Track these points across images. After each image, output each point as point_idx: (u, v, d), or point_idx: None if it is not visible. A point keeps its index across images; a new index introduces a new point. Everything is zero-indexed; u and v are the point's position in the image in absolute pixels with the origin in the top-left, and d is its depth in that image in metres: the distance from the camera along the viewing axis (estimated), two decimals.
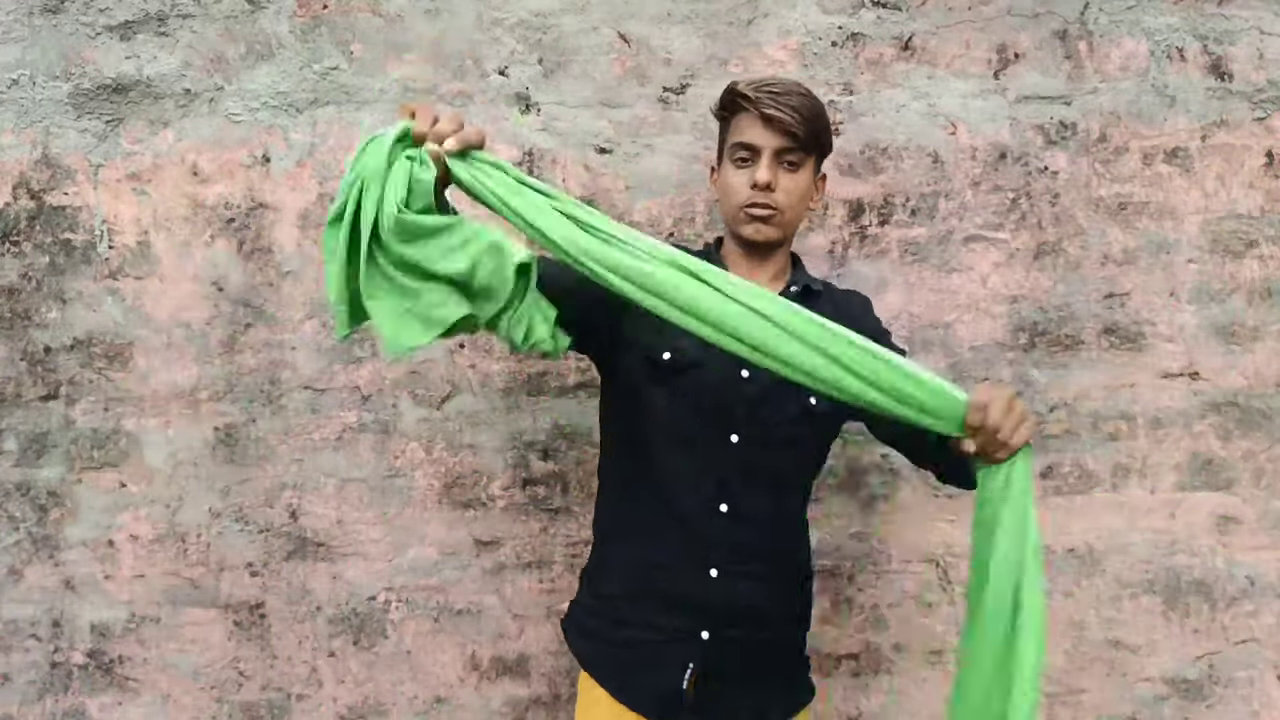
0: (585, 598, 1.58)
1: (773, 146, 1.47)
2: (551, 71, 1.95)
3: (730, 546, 1.46)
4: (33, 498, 1.94)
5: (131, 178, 1.95)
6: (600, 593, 1.55)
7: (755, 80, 1.50)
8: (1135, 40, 1.96)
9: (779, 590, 1.51)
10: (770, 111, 1.46)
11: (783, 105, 1.46)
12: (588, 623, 1.55)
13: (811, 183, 1.55)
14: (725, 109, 1.54)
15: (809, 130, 1.48)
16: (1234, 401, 1.94)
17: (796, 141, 1.48)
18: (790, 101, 1.47)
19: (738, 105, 1.50)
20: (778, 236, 1.52)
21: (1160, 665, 1.93)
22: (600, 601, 1.54)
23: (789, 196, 1.50)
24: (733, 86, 1.51)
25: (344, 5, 1.95)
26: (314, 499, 1.93)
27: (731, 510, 1.45)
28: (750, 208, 1.49)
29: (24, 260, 1.95)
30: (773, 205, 1.49)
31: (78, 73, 1.95)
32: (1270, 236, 1.95)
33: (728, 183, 1.52)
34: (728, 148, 1.53)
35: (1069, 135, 1.95)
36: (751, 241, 1.52)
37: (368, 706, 1.93)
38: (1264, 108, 1.96)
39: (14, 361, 1.94)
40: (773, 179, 1.48)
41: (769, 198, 1.48)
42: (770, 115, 1.46)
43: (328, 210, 1.93)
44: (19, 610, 1.94)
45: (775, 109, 1.46)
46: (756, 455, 1.47)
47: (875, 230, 1.95)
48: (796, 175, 1.50)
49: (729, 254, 1.58)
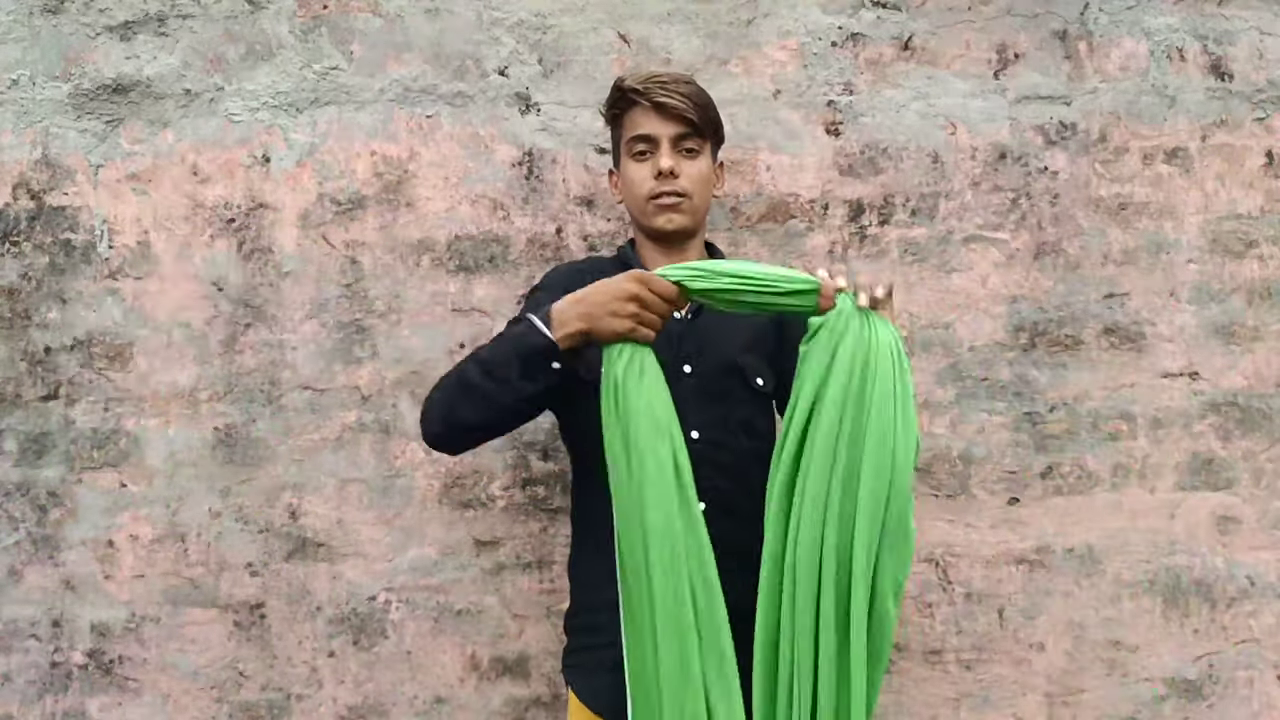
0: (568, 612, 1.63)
1: (670, 134, 1.50)
2: (551, 71, 1.95)
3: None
4: (33, 498, 1.94)
5: (131, 178, 1.95)
6: (572, 607, 1.61)
7: (641, 74, 1.53)
8: (1135, 40, 1.96)
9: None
10: (663, 99, 1.48)
11: (673, 92, 1.49)
12: (565, 625, 1.62)
13: (712, 169, 1.58)
14: (615, 106, 1.56)
15: (703, 116, 1.51)
16: (1234, 401, 1.94)
17: (692, 127, 1.50)
18: (679, 89, 1.50)
19: (629, 100, 1.52)
20: (689, 224, 1.55)
21: (1160, 665, 1.93)
22: (572, 617, 1.60)
23: (693, 182, 1.52)
24: (620, 83, 1.53)
25: (344, 5, 1.95)
26: (314, 499, 1.93)
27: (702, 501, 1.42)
28: (657, 198, 1.51)
29: (24, 260, 1.95)
30: (679, 191, 1.51)
31: (78, 73, 1.95)
32: (1270, 236, 1.95)
33: (630, 177, 1.54)
34: (624, 144, 1.55)
35: (1069, 135, 1.95)
36: (664, 232, 1.54)
37: (368, 706, 1.93)
38: (1264, 108, 1.96)
39: (14, 361, 1.94)
40: (675, 165, 1.50)
41: (674, 184, 1.51)
42: (663, 103, 1.48)
43: (327, 210, 1.94)
44: (19, 610, 1.94)
45: (667, 96, 1.48)
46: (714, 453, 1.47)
47: (875, 230, 1.95)
48: (697, 161, 1.53)
49: (644, 250, 1.60)
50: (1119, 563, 1.93)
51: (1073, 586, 1.93)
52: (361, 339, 1.93)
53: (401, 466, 1.93)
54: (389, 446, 1.93)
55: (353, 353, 1.94)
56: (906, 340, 1.93)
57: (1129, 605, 1.93)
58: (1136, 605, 1.93)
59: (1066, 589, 1.93)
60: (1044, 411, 1.94)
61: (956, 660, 1.92)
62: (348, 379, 1.93)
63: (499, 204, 1.95)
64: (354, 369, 1.93)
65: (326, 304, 1.94)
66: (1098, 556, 1.93)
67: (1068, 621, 1.93)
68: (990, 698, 1.92)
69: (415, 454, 1.93)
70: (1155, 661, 1.93)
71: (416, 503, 1.93)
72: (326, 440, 1.93)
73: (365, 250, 1.94)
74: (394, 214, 1.95)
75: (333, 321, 1.94)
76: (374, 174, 1.95)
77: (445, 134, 1.95)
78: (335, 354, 1.93)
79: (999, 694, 1.92)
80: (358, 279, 1.94)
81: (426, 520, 1.93)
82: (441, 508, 1.93)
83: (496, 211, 1.95)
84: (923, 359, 1.93)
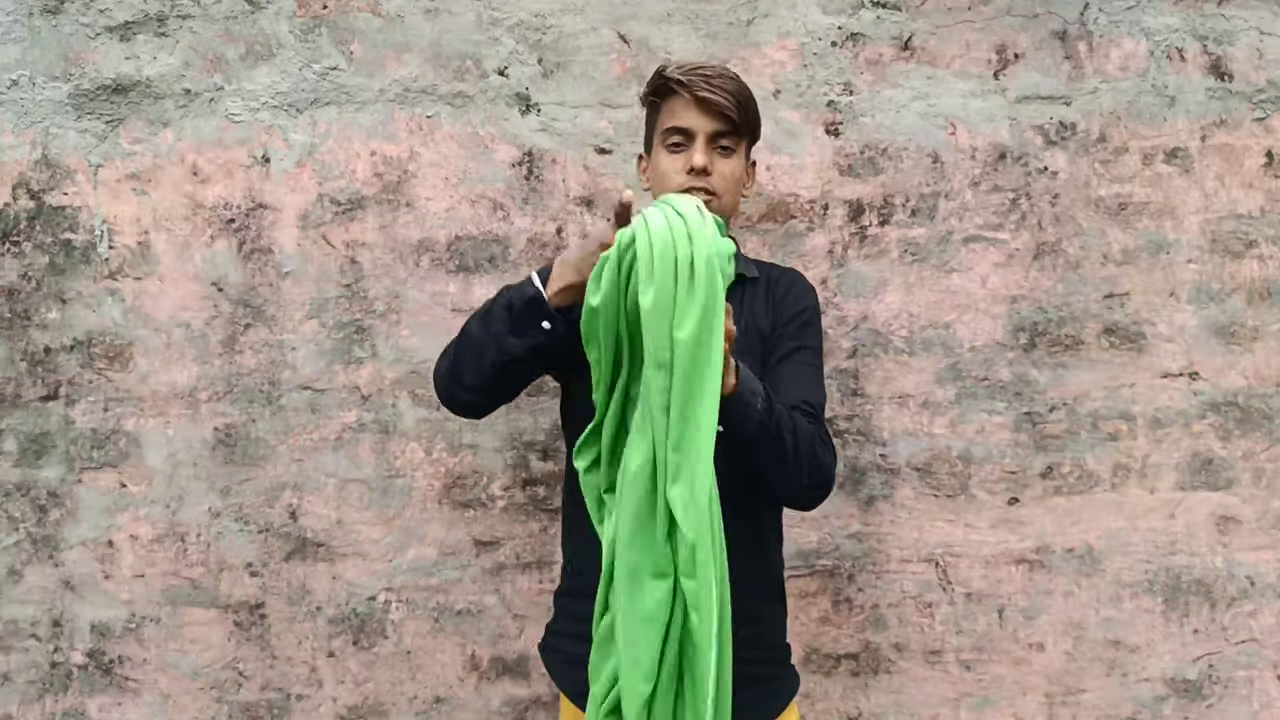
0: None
1: (707, 130, 1.46)
2: (551, 71, 1.95)
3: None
4: (33, 498, 1.94)
5: (131, 178, 1.95)
6: (555, 603, 1.62)
7: (685, 64, 1.48)
8: (1135, 40, 1.96)
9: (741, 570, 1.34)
10: (704, 94, 1.43)
11: (716, 88, 1.43)
12: (550, 624, 1.62)
13: (744, 168, 1.54)
14: (656, 94, 1.51)
15: (743, 114, 1.46)
16: (1234, 401, 1.94)
17: (731, 125, 1.46)
18: (724, 85, 1.44)
19: (669, 89, 1.47)
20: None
21: (1160, 665, 1.93)
22: (556, 612, 1.61)
23: (725, 181, 1.48)
24: (662, 70, 1.48)
25: (344, 5, 1.95)
26: (314, 499, 1.93)
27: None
28: (687, 192, 1.44)
29: (24, 260, 1.95)
30: (710, 189, 1.46)
31: (78, 73, 1.95)
32: (1270, 236, 1.95)
33: (662, 168, 1.49)
34: (659, 133, 1.50)
35: (1069, 135, 1.95)
36: None
37: (368, 706, 1.93)
38: (1264, 108, 1.96)
39: (14, 361, 1.94)
40: (709, 163, 1.45)
41: (706, 181, 1.46)
42: (704, 98, 1.44)
43: (327, 210, 1.94)
44: (19, 610, 1.94)
45: (710, 91, 1.43)
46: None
47: (875, 230, 1.95)
48: (731, 160, 1.49)
49: None
50: (1119, 563, 1.93)
51: (1073, 586, 1.93)
52: (361, 339, 1.93)
53: (401, 466, 1.93)
54: (389, 446, 1.93)
55: (352, 353, 1.94)
56: (907, 340, 1.94)
57: (1129, 605, 1.93)
58: (1136, 605, 1.93)
59: (1066, 589, 1.93)
60: (1044, 411, 1.94)
61: (956, 660, 1.92)
62: (347, 379, 1.93)
63: (499, 204, 1.95)
64: (354, 369, 1.93)
65: (326, 304, 1.94)
66: (1098, 556, 1.93)
67: (1068, 621, 1.93)
68: (990, 698, 1.92)
69: (415, 454, 1.93)
70: (1155, 662, 1.93)
71: (416, 503, 1.93)
72: (326, 440, 1.93)
73: (365, 250, 1.94)
74: (394, 214, 1.95)
75: (332, 321, 1.94)
76: (374, 174, 1.95)
77: (445, 134, 1.95)
78: (335, 354, 1.93)
79: (999, 694, 1.92)
80: (357, 279, 1.94)
81: (426, 520, 1.93)
82: (441, 508, 1.93)
83: (496, 211, 1.95)
84: (923, 359, 1.93)
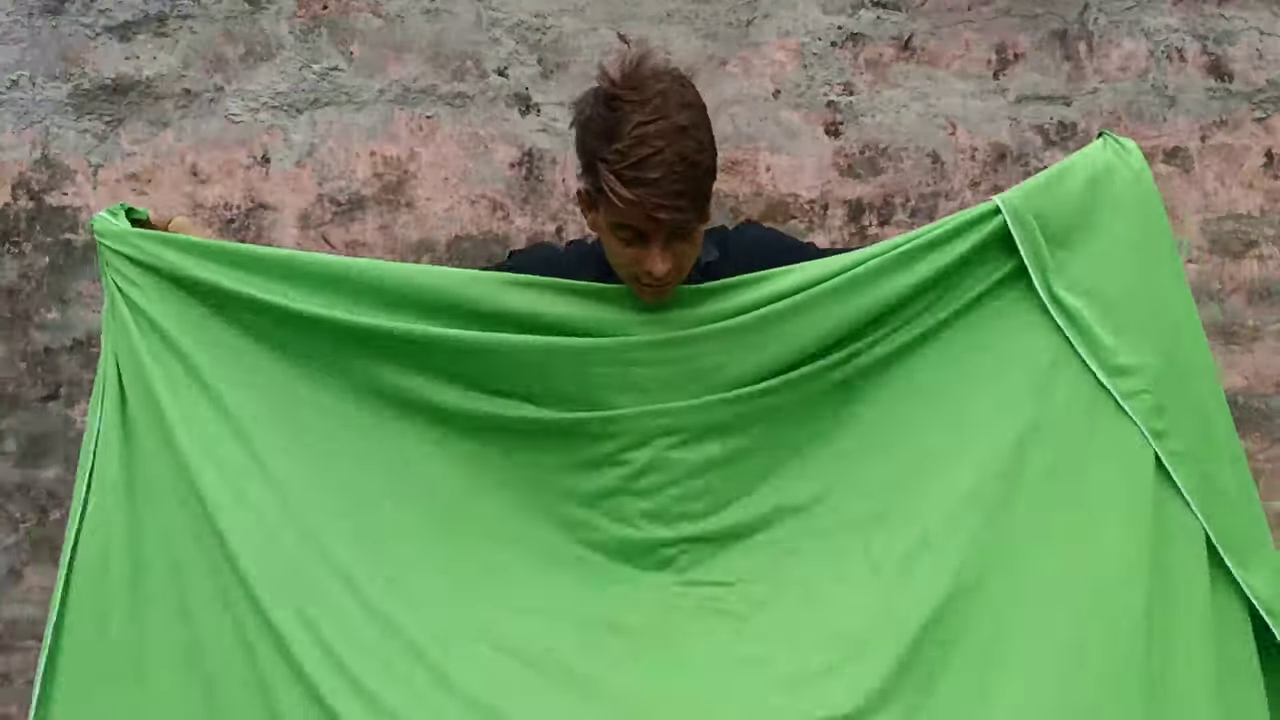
0: None
1: (664, 234, 1.20)
2: (551, 72, 1.95)
3: None
4: (33, 498, 1.94)
5: (131, 178, 1.95)
6: None
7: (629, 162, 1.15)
8: (1135, 40, 1.96)
9: None
10: (663, 217, 1.16)
11: (671, 204, 1.16)
12: None
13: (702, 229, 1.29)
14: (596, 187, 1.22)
15: (702, 205, 1.22)
16: (1234, 401, 1.94)
17: (690, 223, 1.21)
18: (678, 187, 1.16)
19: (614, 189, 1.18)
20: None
21: None
22: None
23: (686, 260, 1.26)
24: (603, 172, 1.17)
25: (344, 5, 1.95)
26: None
27: None
28: (644, 285, 1.25)
29: (24, 260, 1.95)
30: (669, 281, 1.24)
31: (77, 73, 1.95)
32: (1270, 236, 1.95)
33: (612, 250, 1.26)
34: (605, 218, 1.23)
35: (1069, 135, 1.95)
36: None
37: None
38: (1264, 108, 1.96)
39: (14, 361, 1.94)
40: (667, 265, 1.21)
41: (665, 277, 1.23)
42: (661, 219, 1.17)
43: (327, 210, 1.94)
44: (19, 610, 1.94)
45: (666, 213, 1.16)
46: None
47: (875, 230, 1.95)
48: (691, 239, 1.24)
49: None
50: None
51: None
52: None
53: None
54: None
55: None
56: None
57: None
58: None
59: None
60: None
61: None
62: None
63: (499, 204, 1.95)
64: None
65: None
66: None
67: None
68: None
69: None
70: None
71: None
72: None
73: (365, 250, 1.94)
74: (394, 214, 1.95)
75: None
76: (374, 174, 1.95)
77: (445, 134, 1.95)
78: None
79: None
80: None
81: None
82: None
83: (496, 212, 1.95)
84: None
